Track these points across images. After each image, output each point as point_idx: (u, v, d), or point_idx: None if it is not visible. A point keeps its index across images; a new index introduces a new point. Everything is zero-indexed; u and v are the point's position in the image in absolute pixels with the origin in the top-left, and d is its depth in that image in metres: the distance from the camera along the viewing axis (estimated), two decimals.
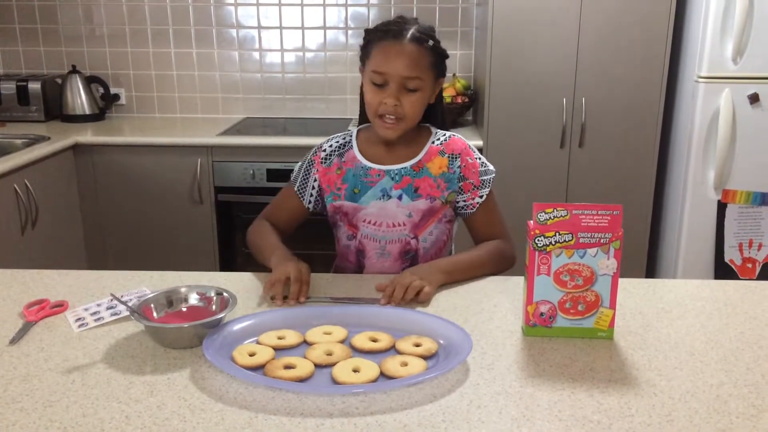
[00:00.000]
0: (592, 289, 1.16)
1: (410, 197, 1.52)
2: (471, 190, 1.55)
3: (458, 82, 3.25)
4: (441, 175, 1.53)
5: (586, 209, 1.13)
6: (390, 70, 1.42)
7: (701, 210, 2.79)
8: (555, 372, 1.07)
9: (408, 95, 1.44)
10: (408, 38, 1.43)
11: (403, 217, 1.53)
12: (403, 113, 1.45)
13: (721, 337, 1.19)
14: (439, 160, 1.53)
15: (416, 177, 1.52)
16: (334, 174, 1.57)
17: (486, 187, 1.56)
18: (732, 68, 2.64)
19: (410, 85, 1.43)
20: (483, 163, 1.57)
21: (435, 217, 1.54)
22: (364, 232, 1.55)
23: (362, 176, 1.54)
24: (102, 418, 0.94)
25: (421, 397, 0.99)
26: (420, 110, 1.49)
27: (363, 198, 1.54)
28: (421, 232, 1.54)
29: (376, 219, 1.54)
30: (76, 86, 3.32)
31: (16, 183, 2.57)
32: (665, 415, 0.95)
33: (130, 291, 1.37)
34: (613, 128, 2.87)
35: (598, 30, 2.77)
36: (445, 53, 1.51)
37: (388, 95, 1.43)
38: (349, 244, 1.59)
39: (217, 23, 3.42)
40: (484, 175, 1.56)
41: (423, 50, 1.44)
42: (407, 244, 1.55)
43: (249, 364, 1.06)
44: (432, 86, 1.50)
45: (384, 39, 1.45)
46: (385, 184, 1.52)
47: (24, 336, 1.19)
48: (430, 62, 1.46)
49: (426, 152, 1.54)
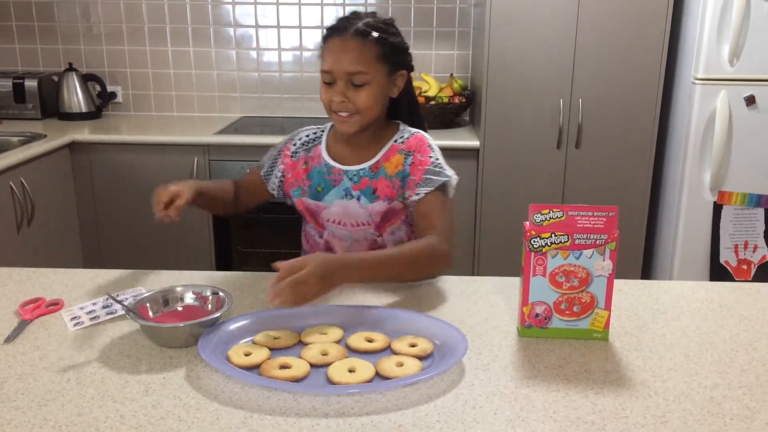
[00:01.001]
0: (587, 291, 1.16)
1: (369, 199, 1.50)
2: (411, 187, 1.48)
3: (455, 83, 3.25)
4: (396, 175, 1.49)
5: (581, 210, 1.13)
6: (334, 68, 1.41)
7: (697, 211, 2.80)
8: (550, 373, 1.07)
9: (356, 91, 1.42)
10: (351, 33, 1.40)
11: (365, 217, 1.51)
12: (353, 108, 1.43)
13: (716, 339, 1.20)
14: (396, 159, 1.50)
15: (374, 178, 1.50)
16: (300, 169, 1.56)
17: (427, 186, 1.46)
18: (729, 70, 2.65)
19: (356, 80, 1.41)
20: (438, 164, 1.49)
21: (397, 218, 1.52)
22: (330, 231, 1.55)
23: (326, 174, 1.53)
24: (97, 417, 0.94)
25: (417, 398, 0.99)
26: (374, 104, 1.44)
27: (327, 197, 1.53)
28: (384, 231, 1.53)
29: (340, 218, 1.53)
30: (72, 84, 3.32)
31: (12, 181, 2.56)
32: (659, 417, 0.95)
33: (126, 290, 1.37)
34: (609, 129, 2.88)
35: (595, 31, 2.77)
36: (399, 45, 1.47)
37: (335, 92, 1.42)
38: (318, 242, 1.59)
39: (214, 22, 3.42)
40: (432, 174, 1.47)
41: (367, 43, 1.41)
42: (374, 242, 1.54)
43: (244, 363, 1.06)
44: (385, 78, 1.45)
45: (330, 36, 1.43)
46: (346, 184, 1.52)
47: (19, 335, 1.19)
48: (376, 55, 1.42)
49: (386, 152, 1.51)
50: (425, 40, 3.37)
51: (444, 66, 3.41)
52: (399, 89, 1.50)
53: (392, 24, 1.49)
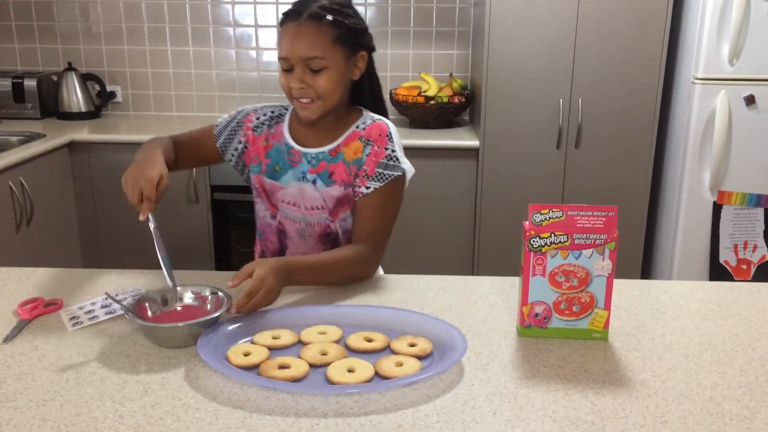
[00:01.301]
0: (587, 290, 1.16)
1: (324, 183, 1.47)
2: (361, 177, 1.45)
3: (455, 82, 3.25)
4: (354, 162, 1.46)
5: (581, 210, 1.13)
6: (290, 54, 1.38)
7: (697, 211, 2.80)
8: (549, 373, 1.07)
9: (314, 76, 1.39)
10: (305, 17, 1.37)
11: (320, 201, 1.49)
12: (314, 94, 1.40)
13: (716, 339, 1.20)
14: (355, 146, 1.47)
15: (332, 162, 1.47)
16: (261, 144, 1.54)
17: (379, 181, 1.44)
18: (728, 70, 2.65)
19: (313, 65, 1.38)
20: (393, 156, 1.45)
21: (349, 204, 1.49)
22: (284, 212, 1.53)
23: (285, 154, 1.51)
24: (96, 417, 0.94)
25: (416, 398, 0.99)
26: (335, 88, 1.41)
27: (284, 177, 1.51)
28: (336, 217, 1.51)
29: (295, 200, 1.51)
30: (72, 84, 3.32)
31: (12, 180, 2.56)
32: (659, 417, 0.95)
33: (125, 290, 1.37)
34: (609, 129, 2.88)
35: (594, 31, 2.77)
36: (356, 26, 1.42)
37: (293, 79, 1.40)
38: (270, 223, 1.57)
39: (214, 21, 3.42)
40: (384, 167, 1.44)
41: (322, 27, 1.37)
42: (327, 227, 1.51)
43: (243, 363, 1.06)
44: (344, 62, 1.42)
45: (285, 22, 1.40)
46: (303, 166, 1.49)
47: (18, 334, 1.18)
48: (333, 38, 1.38)
49: (347, 137, 1.48)
50: (425, 39, 3.37)
51: (443, 66, 3.41)
52: (360, 71, 1.47)
53: (349, 5, 1.44)
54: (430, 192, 2.96)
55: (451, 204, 2.99)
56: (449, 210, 3.00)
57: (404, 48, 3.39)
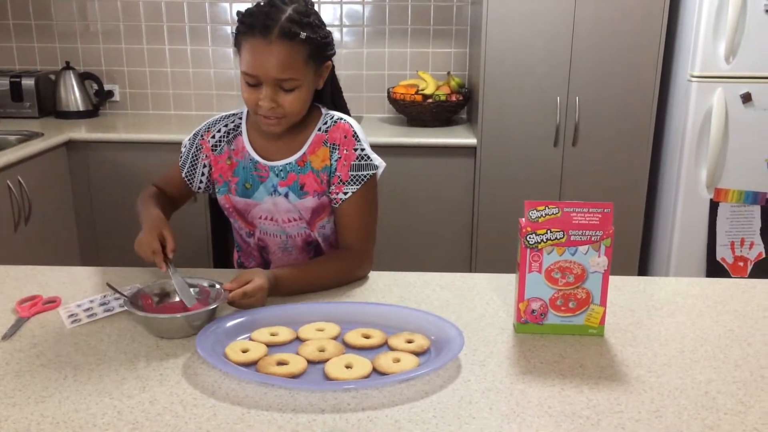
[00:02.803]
0: (583, 287, 1.16)
1: (297, 195, 1.44)
2: (336, 184, 1.42)
3: (452, 81, 3.25)
4: (323, 169, 1.43)
5: (577, 207, 1.14)
6: (260, 73, 1.30)
7: (693, 208, 2.81)
8: (545, 368, 1.08)
9: (285, 95, 1.33)
10: (276, 34, 1.28)
11: (295, 212, 1.46)
12: (283, 113, 1.35)
13: (711, 335, 1.20)
14: (322, 152, 1.43)
15: (301, 173, 1.43)
16: (225, 164, 1.48)
17: (355, 183, 1.42)
18: (725, 67, 2.65)
19: (285, 85, 1.32)
20: (363, 156, 1.43)
21: (325, 212, 1.48)
22: (262, 229, 1.49)
23: (252, 170, 1.46)
24: (94, 414, 0.94)
25: (413, 393, 1.00)
26: (302, 105, 1.37)
27: (256, 193, 1.46)
28: (314, 227, 1.48)
29: (271, 215, 1.47)
30: (69, 82, 3.31)
31: (9, 179, 2.56)
32: (654, 411, 0.96)
33: (124, 287, 1.37)
34: (606, 127, 2.88)
35: (591, 29, 2.78)
36: (324, 39, 1.36)
37: (264, 97, 1.32)
38: (249, 241, 1.53)
39: (211, 20, 3.42)
40: (357, 169, 1.42)
41: (295, 46, 1.30)
42: (308, 236, 1.49)
43: (242, 360, 1.07)
44: (313, 77, 1.38)
45: (251, 35, 1.30)
46: (273, 180, 1.44)
47: (17, 332, 1.19)
48: (306, 56, 1.32)
49: (311, 143, 1.43)
50: (422, 38, 3.37)
51: (441, 64, 3.41)
52: (324, 79, 1.43)
53: (314, 11, 1.37)
54: (428, 190, 2.97)
55: (449, 202, 2.99)
56: (447, 208, 3.00)
57: (402, 46, 3.39)
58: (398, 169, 2.85)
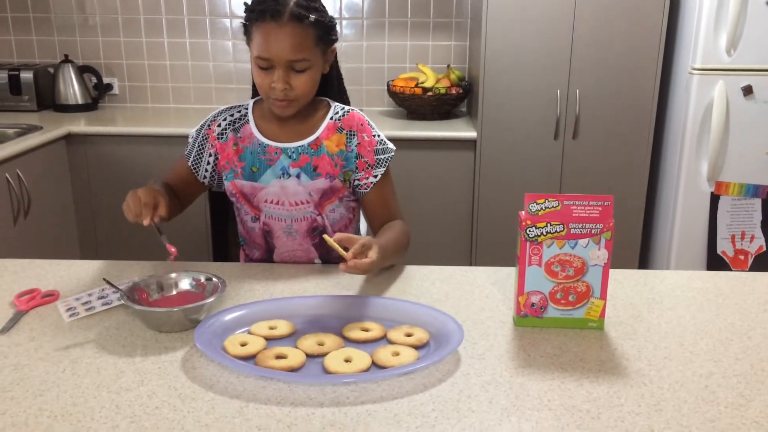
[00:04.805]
0: (583, 280, 1.16)
1: (309, 176, 1.48)
2: (365, 169, 1.50)
3: (453, 73, 3.24)
4: (338, 153, 1.49)
5: (577, 200, 1.13)
6: (273, 55, 1.36)
7: (694, 202, 2.80)
8: (545, 362, 1.07)
9: (297, 76, 1.39)
10: (287, 17, 1.34)
11: (304, 195, 1.49)
12: (295, 95, 1.40)
13: (711, 328, 1.20)
14: (336, 138, 1.49)
15: (315, 155, 1.48)
16: (230, 150, 1.51)
17: (381, 167, 1.51)
18: (726, 60, 2.64)
19: (297, 66, 1.38)
20: (381, 141, 1.52)
21: (336, 195, 1.51)
22: (268, 212, 1.52)
23: (260, 154, 1.49)
24: (92, 407, 0.94)
25: (412, 387, 0.99)
26: (313, 87, 1.43)
27: (263, 177, 1.49)
28: (323, 210, 1.52)
29: (278, 198, 1.50)
30: (68, 76, 3.30)
31: (8, 173, 2.56)
32: (654, 405, 0.96)
33: (122, 281, 1.37)
34: (607, 120, 2.88)
35: (592, 22, 2.77)
36: (330, 23, 1.42)
37: (276, 79, 1.37)
38: (254, 227, 1.56)
39: (210, 13, 3.41)
40: (380, 153, 1.51)
41: (305, 28, 1.36)
42: (314, 221, 1.52)
43: (240, 353, 1.06)
44: (321, 59, 1.43)
45: (262, 20, 1.35)
46: (283, 162, 1.48)
47: (15, 325, 1.19)
48: (315, 38, 1.38)
49: (324, 129, 1.49)
50: (422, 30, 3.36)
51: (441, 57, 3.40)
52: (329, 64, 1.49)
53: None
54: (428, 183, 2.96)
55: (449, 195, 2.99)
56: (447, 201, 3.00)
57: (402, 39, 3.38)
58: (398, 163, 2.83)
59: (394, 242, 1.42)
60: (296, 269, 1.46)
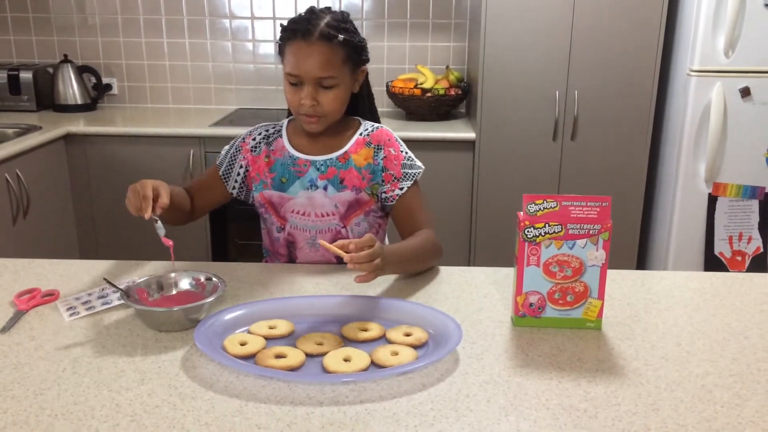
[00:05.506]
0: (580, 280, 1.17)
1: (336, 188, 1.52)
2: (391, 181, 1.53)
3: (451, 74, 3.25)
4: (366, 167, 1.52)
5: (575, 201, 1.14)
6: (302, 72, 1.41)
7: (692, 203, 2.81)
8: (543, 361, 1.08)
9: (325, 93, 1.44)
10: (316, 36, 1.40)
11: (330, 207, 1.52)
12: (322, 111, 1.45)
13: (708, 328, 1.21)
14: (365, 152, 1.53)
15: (342, 168, 1.52)
16: (262, 162, 1.56)
17: (408, 180, 1.54)
18: (724, 62, 2.65)
19: (325, 83, 1.43)
20: (409, 157, 1.56)
21: (362, 209, 1.54)
22: (293, 223, 1.55)
23: (290, 166, 1.54)
24: (92, 406, 0.94)
25: (411, 386, 1.00)
26: (341, 104, 1.48)
27: (291, 188, 1.53)
28: (348, 222, 1.54)
29: (304, 209, 1.53)
30: (68, 76, 3.31)
31: (8, 173, 2.56)
32: (651, 404, 0.96)
33: (122, 280, 1.37)
34: (605, 121, 2.88)
35: (590, 23, 2.77)
36: (360, 43, 1.47)
37: (305, 96, 1.43)
38: (278, 237, 1.58)
39: (210, 13, 3.41)
40: (408, 168, 1.54)
41: (334, 47, 1.41)
42: (338, 233, 1.55)
43: (240, 353, 1.07)
44: (350, 78, 1.48)
45: (293, 39, 1.42)
46: (311, 174, 1.52)
47: (15, 325, 1.19)
48: (343, 57, 1.43)
49: (353, 144, 1.54)
50: (421, 31, 3.37)
51: (440, 58, 3.40)
52: (360, 84, 1.54)
53: (350, 20, 1.49)
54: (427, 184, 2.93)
55: (448, 196, 2.99)
56: (445, 202, 3.00)
57: (401, 40, 3.38)
58: None
59: (411, 247, 1.42)
60: (296, 269, 1.47)
